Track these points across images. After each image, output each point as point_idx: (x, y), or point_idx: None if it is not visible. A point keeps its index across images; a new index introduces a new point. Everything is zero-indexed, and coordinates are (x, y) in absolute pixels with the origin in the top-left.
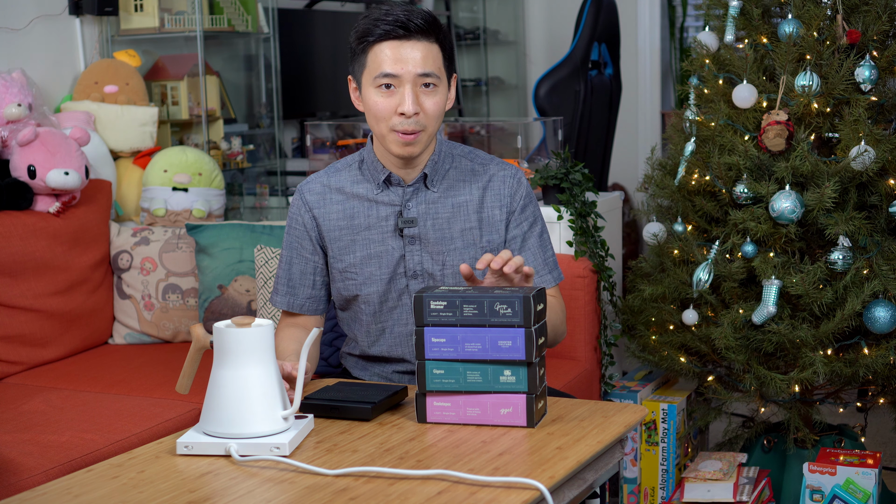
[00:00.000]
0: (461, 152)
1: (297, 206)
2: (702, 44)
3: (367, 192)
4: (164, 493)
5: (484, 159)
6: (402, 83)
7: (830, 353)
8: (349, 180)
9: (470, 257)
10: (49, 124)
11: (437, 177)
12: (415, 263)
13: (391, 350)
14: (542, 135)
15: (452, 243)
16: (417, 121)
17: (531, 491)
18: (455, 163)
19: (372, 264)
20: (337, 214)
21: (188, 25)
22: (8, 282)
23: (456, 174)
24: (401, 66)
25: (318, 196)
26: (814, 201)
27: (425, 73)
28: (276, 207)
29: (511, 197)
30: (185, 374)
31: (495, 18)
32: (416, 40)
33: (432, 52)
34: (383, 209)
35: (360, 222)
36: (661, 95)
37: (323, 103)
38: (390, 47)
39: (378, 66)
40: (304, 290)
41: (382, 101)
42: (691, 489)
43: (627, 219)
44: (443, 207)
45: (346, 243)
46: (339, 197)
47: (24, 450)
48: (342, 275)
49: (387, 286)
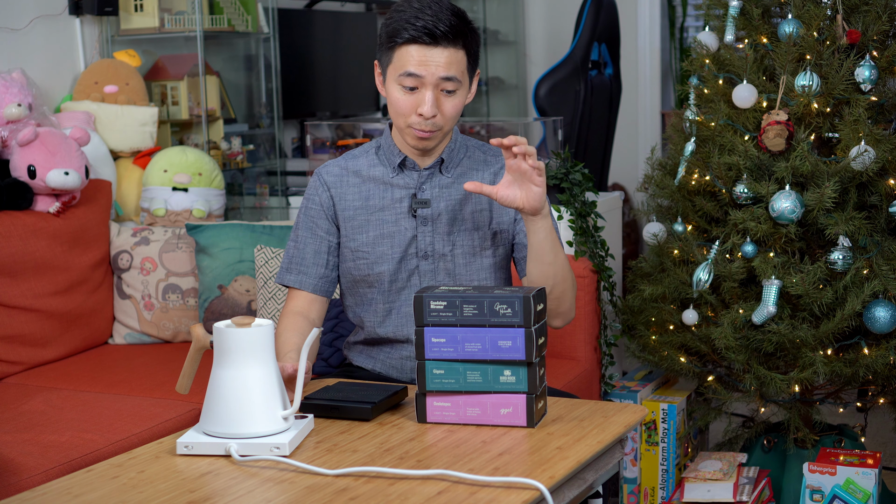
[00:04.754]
0: (475, 144)
1: (314, 186)
2: (702, 44)
3: (383, 175)
4: (164, 493)
5: (496, 151)
6: (425, 85)
7: (830, 353)
8: (366, 164)
9: (480, 237)
10: (49, 124)
11: (451, 163)
12: (426, 244)
13: (397, 331)
14: (542, 135)
15: (463, 224)
16: (435, 122)
17: (531, 491)
18: (469, 153)
19: (384, 244)
20: (353, 196)
21: (188, 25)
22: (8, 282)
23: (469, 163)
24: (424, 69)
25: (336, 178)
26: (814, 201)
27: (447, 78)
28: (276, 207)
29: None
30: (185, 374)
31: (495, 18)
32: (443, 47)
33: (457, 57)
34: (398, 191)
35: (374, 203)
36: (661, 95)
37: (323, 103)
38: (416, 51)
39: (403, 66)
40: (316, 269)
41: (404, 98)
42: (691, 489)
43: (627, 219)
44: (456, 191)
45: (359, 223)
46: (355, 180)
47: (24, 450)
48: (354, 254)
49: (397, 265)
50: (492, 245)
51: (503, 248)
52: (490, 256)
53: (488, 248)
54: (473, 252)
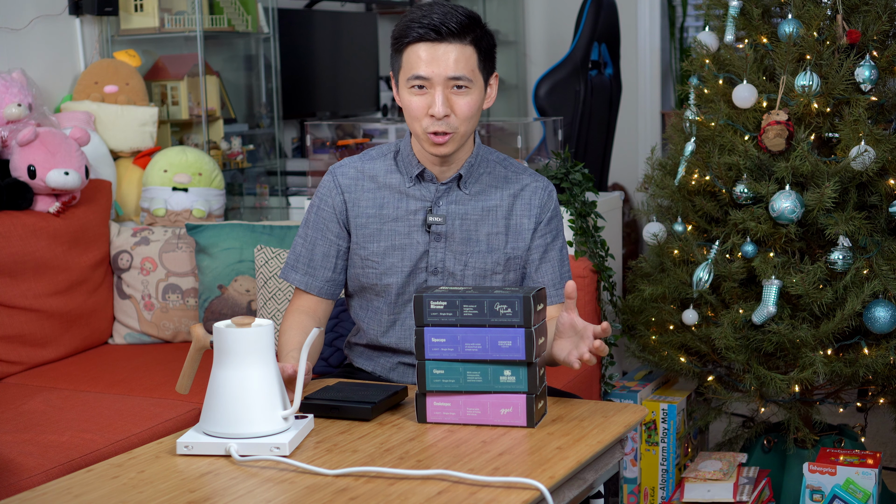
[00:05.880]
0: (496, 158)
1: (328, 187)
2: (702, 44)
3: (400, 185)
4: (164, 493)
5: (518, 168)
6: (434, 85)
7: (830, 353)
8: (383, 169)
9: (493, 261)
10: (49, 124)
11: (470, 179)
12: (437, 260)
13: (400, 342)
14: (542, 135)
15: (477, 245)
16: (448, 123)
17: (531, 491)
18: (489, 168)
19: (395, 255)
20: (367, 202)
21: (188, 25)
22: (8, 282)
23: (489, 179)
24: (432, 69)
25: (352, 181)
26: (814, 201)
27: (456, 77)
28: (276, 207)
29: (541, 208)
30: (185, 374)
31: (495, 18)
32: (450, 43)
33: (465, 53)
34: (413, 203)
35: (388, 213)
36: (661, 95)
37: (323, 103)
38: (424, 49)
39: (411, 68)
40: (324, 272)
41: (415, 101)
42: (691, 489)
43: (627, 219)
44: (472, 209)
45: (371, 231)
46: (371, 185)
47: (24, 450)
48: (363, 262)
49: (406, 279)
50: (503, 270)
51: (514, 274)
52: (500, 281)
53: (500, 272)
54: (485, 274)
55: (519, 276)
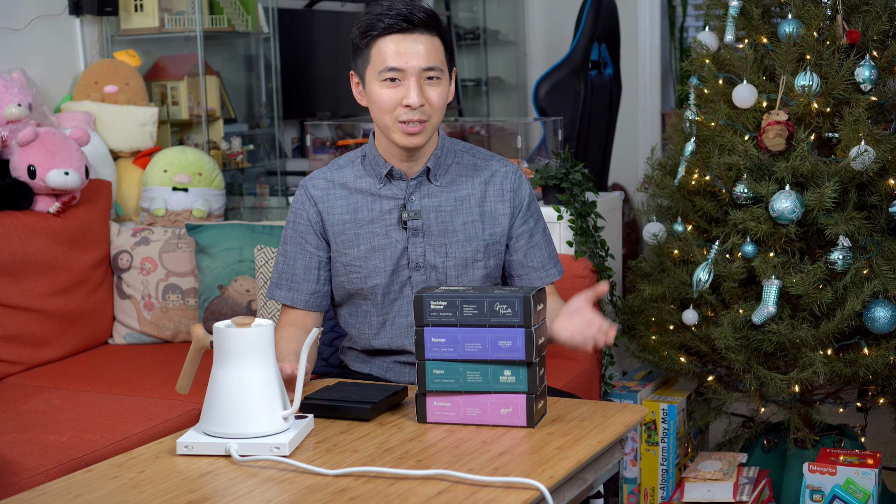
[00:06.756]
0: (462, 148)
1: (300, 201)
2: (702, 44)
3: (370, 187)
4: (164, 493)
5: (485, 155)
6: (407, 77)
7: (830, 353)
8: (352, 175)
9: (472, 249)
10: (49, 124)
11: (439, 171)
12: (417, 255)
13: (392, 342)
14: (542, 135)
15: (455, 236)
16: (423, 111)
17: (531, 491)
18: (457, 158)
19: (376, 257)
20: (341, 209)
21: (188, 25)
22: (8, 282)
23: (458, 169)
24: (405, 61)
25: (323, 191)
26: (814, 201)
27: (429, 67)
28: (276, 207)
29: (514, 192)
30: (185, 374)
31: (495, 18)
32: (419, 34)
33: (434, 45)
34: (386, 203)
35: (363, 216)
36: (661, 95)
37: (323, 103)
38: (394, 41)
39: (382, 61)
40: (307, 285)
41: (388, 93)
42: (691, 489)
43: (627, 219)
44: (445, 200)
45: (350, 237)
46: (342, 192)
47: (24, 450)
48: (346, 268)
49: (390, 278)
50: (484, 256)
51: (495, 259)
52: (482, 268)
53: (480, 259)
54: (465, 264)
55: (500, 261)
